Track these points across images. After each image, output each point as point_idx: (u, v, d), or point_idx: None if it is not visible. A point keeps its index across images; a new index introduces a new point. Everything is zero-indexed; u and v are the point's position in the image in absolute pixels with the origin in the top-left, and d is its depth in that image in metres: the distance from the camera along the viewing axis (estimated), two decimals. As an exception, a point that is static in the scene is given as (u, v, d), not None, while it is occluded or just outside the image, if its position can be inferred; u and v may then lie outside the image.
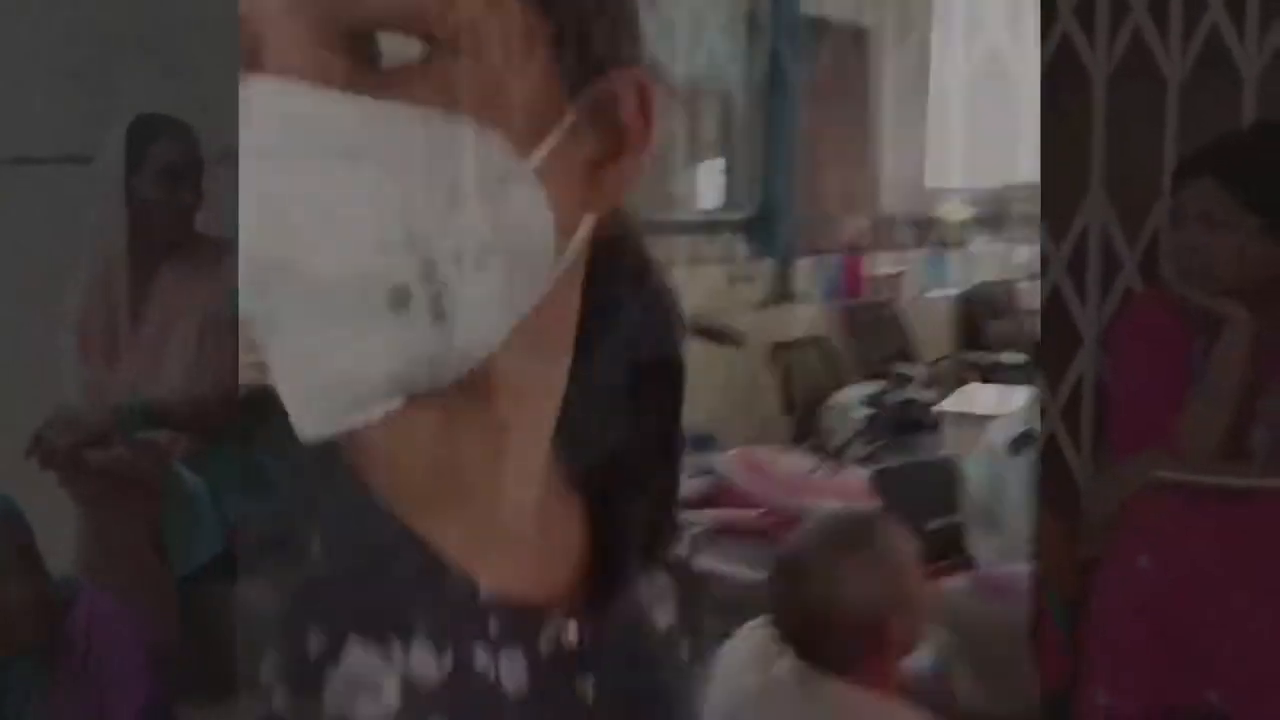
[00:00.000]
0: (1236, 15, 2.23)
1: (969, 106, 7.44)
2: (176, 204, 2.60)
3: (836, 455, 3.66)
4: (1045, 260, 2.33)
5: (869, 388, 4.36)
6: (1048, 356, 2.34)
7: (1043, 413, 2.33)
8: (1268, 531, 1.79)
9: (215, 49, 2.68)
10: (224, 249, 2.65)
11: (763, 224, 5.29)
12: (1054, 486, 2.28)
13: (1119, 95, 2.29)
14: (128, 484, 2.46)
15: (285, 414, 0.66)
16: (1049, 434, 2.31)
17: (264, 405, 0.68)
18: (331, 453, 0.69)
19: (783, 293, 5.28)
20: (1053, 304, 2.31)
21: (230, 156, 2.85)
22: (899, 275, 6.42)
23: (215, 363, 2.60)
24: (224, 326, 2.60)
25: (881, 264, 6.34)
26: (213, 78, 2.63)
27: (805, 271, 5.44)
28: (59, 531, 2.32)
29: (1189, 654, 1.77)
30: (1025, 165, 7.44)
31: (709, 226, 5.21)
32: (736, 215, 5.30)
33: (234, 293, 2.75)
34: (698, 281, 4.66)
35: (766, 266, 5.26)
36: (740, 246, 5.25)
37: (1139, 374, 2.01)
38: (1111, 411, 2.10)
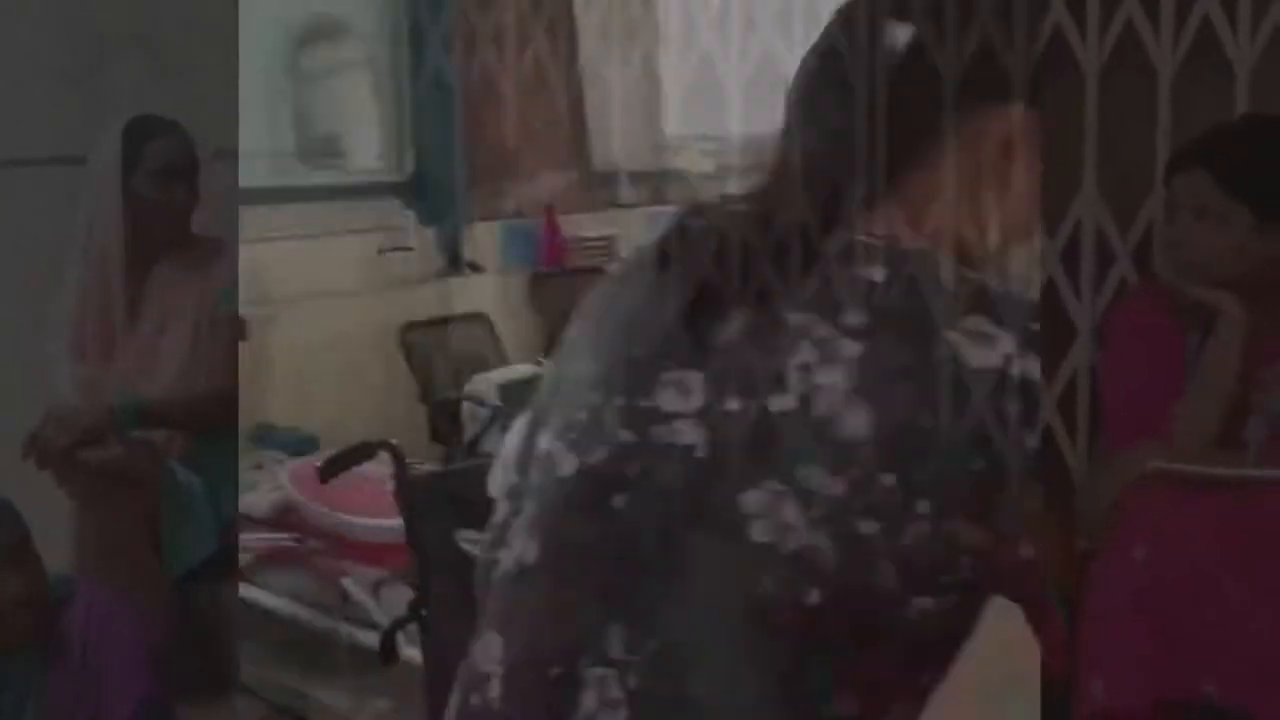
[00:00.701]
0: (1229, 6, 2.23)
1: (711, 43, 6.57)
2: (173, 204, 2.59)
3: (471, 450, 2.96)
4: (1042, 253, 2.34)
5: (521, 370, 3.59)
6: (1043, 349, 2.34)
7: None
8: (1263, 522, 1.79)
9: (214, 49, 2.68)
10: (220, 248, 2.64)
11: (422, 185, 4.40)
12: (1050, 479, 2.28)
13: (1111, 88, 2.29)
14: (124, 483, 2.46)
15: None
16: (1045, 427, 2.31)
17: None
18: None
19: (449, 263, 4.42)
20: (1048, 297, 2.31)
21: (226, 156, 2.82)
22: (610, 238, 5.37)
23: (211, 361, 2.60)
24: (220, 325, 2.60)
25: (593, 226, 5.32)
26: (211, 78, 2.63)
27: (486, 238, 4.55)
28: (55, 530, 2.32)
29: (1186, 647, 1.77)
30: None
31: (362, 190, 4.38)
32: (393, 177, 4.41)
33: (230, 292, 2.72)
34: (343, 254, 4.00)
35: (434, 234, 4.41)
36: (401, 212, 4.36)
37: (1134, 367, 2.02)
38: (1107, 404, 2.10)
